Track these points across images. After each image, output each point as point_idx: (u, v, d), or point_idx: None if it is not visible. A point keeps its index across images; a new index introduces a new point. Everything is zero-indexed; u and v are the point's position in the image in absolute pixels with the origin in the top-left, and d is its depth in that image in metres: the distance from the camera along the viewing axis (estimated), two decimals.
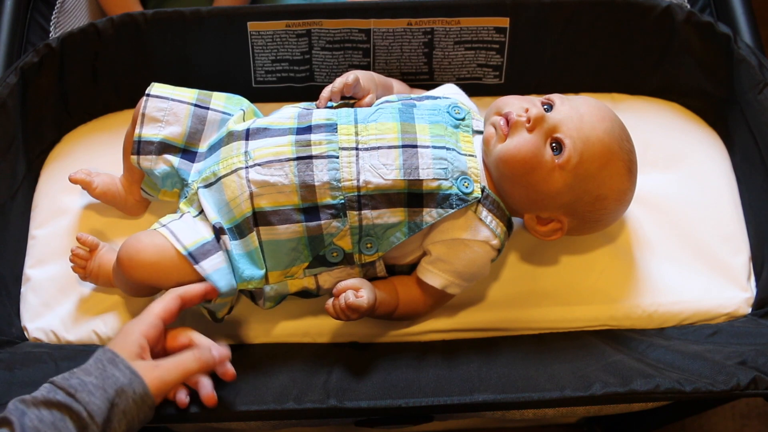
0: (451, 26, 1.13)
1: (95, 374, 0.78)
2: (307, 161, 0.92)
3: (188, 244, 0.91)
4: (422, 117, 0.96)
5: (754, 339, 0.95)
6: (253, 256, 0.93)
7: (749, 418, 1.56)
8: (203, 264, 0.90)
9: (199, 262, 0.90)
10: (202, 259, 0.90)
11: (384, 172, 0.92)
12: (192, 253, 0.90)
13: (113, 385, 0.77)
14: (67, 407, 0.74)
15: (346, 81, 1.00)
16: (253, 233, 0.92)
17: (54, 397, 0.75)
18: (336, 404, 0.87)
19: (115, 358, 0.80)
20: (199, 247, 0.91)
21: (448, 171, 0.92)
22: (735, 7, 1.14)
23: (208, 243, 0.92)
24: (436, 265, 0.95)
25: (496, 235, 0.95)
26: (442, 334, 1.02)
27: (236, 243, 0.93)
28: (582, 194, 0.94)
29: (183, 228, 0.94)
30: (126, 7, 1.33)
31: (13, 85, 1.05)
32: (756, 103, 1.05)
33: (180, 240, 0.91)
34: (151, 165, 0.99)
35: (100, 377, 0.78)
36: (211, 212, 0.94)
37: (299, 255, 0.93)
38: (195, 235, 0.93)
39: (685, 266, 1.05)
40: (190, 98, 1.01)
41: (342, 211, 0.91)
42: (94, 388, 0.77)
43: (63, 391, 0.76)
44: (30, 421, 0.72)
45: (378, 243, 0.93)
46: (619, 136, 0.95)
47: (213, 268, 0.90)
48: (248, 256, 0.93)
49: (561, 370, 0.91)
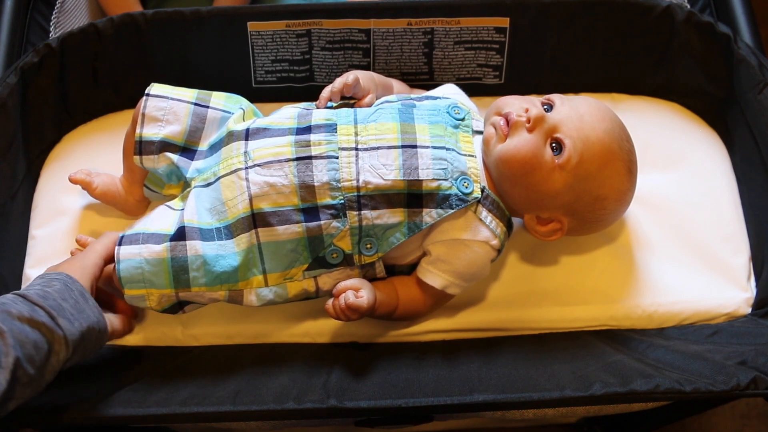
0: (451, 26, 1.13)
1: (70, 303, 0.81)
2: (306, 162, 0.92)
3: (134, 228, 0.94)
4: (422, 117, 0.96)
5: (754, 339, 0.95)
6: (244, 254, 0.92)
7: (749, 418, 1.56)
8: (122, 248, 0.92)
9: (121, 245, 0.92)
10: (126, 245, 0.92)
11: (383, 173, 0.92)
12: (124, 237, 0.93)
13: (86, 320, 0.81)
14: (49, 329, 0.76)
15: (346, 81, 1.00)
16: (245, 234, 0.92)
17: (38, 318, 0.76)
18: (336, 404, 0.87)
19: (84, 293, 0.84)
20: (133, 234, 0.93)
21: (447, 171, 0.92)
22: (735, 7, 1.14)
23: (145, 234, 0.93)
24: (436, 265, 0.95)
25: (496, 236, 0.95)
26: (441, 334, 1.02)
27: (228, 243, 0.92)
28: (582, 194, 0.94)
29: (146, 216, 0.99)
30: (126, 7, 1.33)
31: (13, 85, 1.05)
32: (756, 103, 1.05)
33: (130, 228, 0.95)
34: (154, 164, 0.99)
35: (75, 308, 0.81)
36: (192, 213, 0.94)
37: (298, 257, 0.93)
38: (145, 224, 0.95)
39: (685, 266, 1.05)
40: (190, 97, 1.01)
41: (342, 212, 0.91)
42: (71, 316, 0.79)
43: (44, 312, 0.77)
44: (16, 335, 0.73)
45: (378, 243, 0.92)
46: (619, 136, 0.95)
47: (126, 256, 0.91)
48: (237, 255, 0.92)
49: (561, 370, 0.91)
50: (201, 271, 0.91)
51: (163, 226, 0.94)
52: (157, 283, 0.91)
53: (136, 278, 0.91)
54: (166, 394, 0.88)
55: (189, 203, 0.95)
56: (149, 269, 0.91)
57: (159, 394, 0.88)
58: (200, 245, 0.91)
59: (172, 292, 0.92)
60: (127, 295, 0.92)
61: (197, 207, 0.95)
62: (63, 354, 0.77)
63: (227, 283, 0.92)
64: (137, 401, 0.87)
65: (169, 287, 0.92)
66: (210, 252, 0.91)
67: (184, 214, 0.94)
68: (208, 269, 0.91)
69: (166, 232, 0.93)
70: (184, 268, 0.91)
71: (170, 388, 0.90)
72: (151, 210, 1.08)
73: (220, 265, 0.91)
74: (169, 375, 0.93)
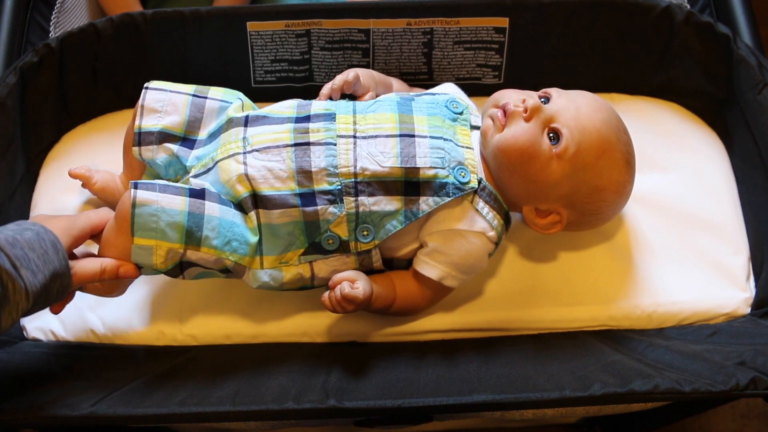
0: (451, 26, 1.13)
1: (38, 253, 0.79)
2: (304, 147, 0.92)
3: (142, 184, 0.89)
4: (420, 109, 0.97)
5: (754, 339, 0.95)
6: (255, 232, 0.92)
7: (749, 418, 1.56)
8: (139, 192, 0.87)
9: (137, 189, 0.88)
10: (142, 189, 0.88)
11: (381, 160, 0.92)
12: (138, 184, 0.88)
13: (51, 271, 0.80)
14: (10, 277, 0.75)
15: (346, 78, 1.01)
16: (252, 213, 0.92)
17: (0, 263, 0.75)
18: (335, 404, 0.87)
19: (57, 245, 0.82)
20: (149, 183, 0.89)
21: (444, 160, 0.92)
22: (735, 7, 1.14)
23: (162, 185, 0.89)
24: (432, 256, 0.95)
25: (493, 227, 0.95)
26: (441, 333, 1.02)
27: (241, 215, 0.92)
28: (580, 185, 0.94)
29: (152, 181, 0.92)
30: (126, 7, 1.33)
31: (13, 85, 1.05)
32: (755, 103, 1.05)
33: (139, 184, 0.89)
34: (153, 155, 0.99)
35: (42, 258, 0.79)
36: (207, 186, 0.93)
37: (295, 240, 0.93)
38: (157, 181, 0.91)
39: (684, 266, 1.05)
40: (188, 90, 1.01)
41: (339, 197, 0.91)
42: (36, 268, 0.78)
43: (8, 259, 0.76)
44: None
45: (374, 231, 0.92)
46: (617, 127, 0.95)
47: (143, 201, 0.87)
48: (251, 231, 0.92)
49: (560, 370, 0.91)
50: (215, 232, 0.89)
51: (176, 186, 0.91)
52: (170, 236, 0.88)
53: (150, 226, 0.87)
54: (166, 394, 0.88)
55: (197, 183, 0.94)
56: (165, 219, 0.87)
57: (158, 394, 0.88)
58: (218, 208, 0.90)
59: (181, 248, 0.89)
60: (135, 246, 0.88)
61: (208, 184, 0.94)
62: (23, 305, 0.77)
63: (236, 253, 0.91)
64: (136, 401, 0.87)
65: (179, 242, 0.88)
66: (226, 217, 0.91)
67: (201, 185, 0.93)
68: (222, 231, 0.90)
69: (183, 187, 0.91)
70: (199, 226, 0.89)
71: (169, 388, 0.90)
72: None
73: (233, 231, 0.90)
74: (168, 375, 0.93)
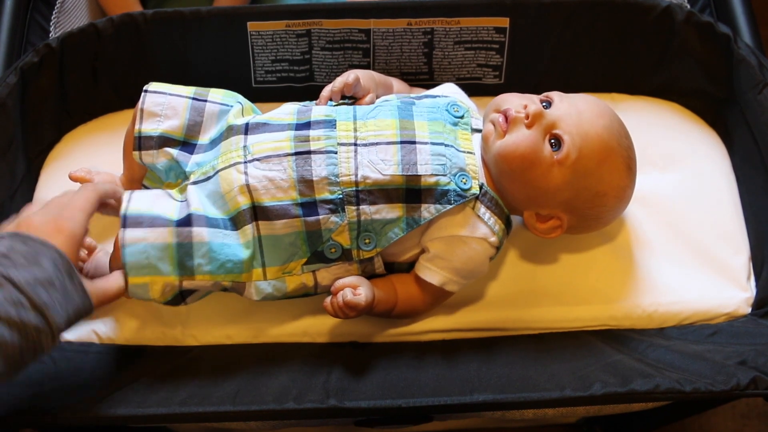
0: (451, 26, 1.13)
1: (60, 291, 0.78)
2: (305, 156, 0.92)
3: (132, 208, 0.89)
4: (421, 114, 0.97)
5: (754, 339, 0.95)
6: (249, 246, 0.92)
7: (749, 418, 1.56)
8: (127, 231, 0.88)
9: (126, 227, 0.88)
10: (130, 228, 0.88)
11: (382, 168, 0.92)
12: (127, 217, 0.89)
13: (72, 306, 0.79)
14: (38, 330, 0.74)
15: (346, 80, 1.01)
16: (248, 226, 0.92)
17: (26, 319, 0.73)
18: (336, 404, 0.87)
19: (71, 272, 0.80)
20: (137, 215, 0.89)
21: (446, 167, 0.92)
22: (735, 7, 1.14)
23: (150, 217, 0.89)
24: (434, 262, 0.95)
25: (494, 233, 0.95)
26: (441, 333, 1.02)
27: (232, 233, 0.92)
28: (581, 191, 0.94)
29: (144, 196, 0.93)
30: (126, 7, 1.33)
31: (13, 85, 1.05)
32: (756, 103, 1.05)
33: (130, 201, 0.90)
34: (153, 159, 0.99)
35: (63, 294, 0.78)
36: (197, 203, 0.93)
37: (297, 250, 0.93)
38: (148, 205, 0.91)
39: (684, 266, 1.05)
40: (188, 93, 1.01)
41: (340, 207, 0.91)
42: (60, 306, 0.77)
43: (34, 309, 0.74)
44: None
45: (376, 239, 0.93)
46: (618, 132, 0.95)
47: (131, 241, 0.88)
48: (241, 246, 0.92)
49: (561, 370, 0.91)
50: (206, 258, 0.89)
51: (167, 210, 0.91)
52: (162, 270, 0.89)
53: (141, 263, 0.88)
54: (166, 394, 0.88)
55: (191, 195, 0.94)
56: (154, 254, 0.88)
57: (159, 394, 0.88)
58: (206, 232, 0.90)
59: (176, 281, 0.90)
60: (130, 286, 0.88)
61: (200, 198, 0.94)
62: (49, 346, 0.76)
63: (231, 273, 0.91)
64: (137, 401, 0.87)
65: (173, 274, 0.89)
66: (215, 240, 0.90)
67: (190, 203, 0.93)
68: (213, 257, 0.90)
69: (170, 217, 0.90)
70: (189, 254, 0.89)
71: (170, 388, 0.90)
72: None
73: (224, 253, 0.90)
74: (169, 375, 0.93)
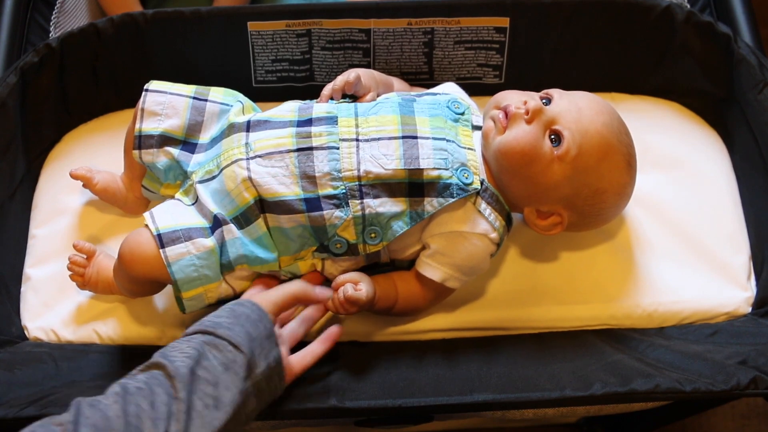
0: (451, 26, 1.13)
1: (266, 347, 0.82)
2: (307, 152, 0.92)
3: (162, 226, 0.91)
4: (422, 110, 0.97)
5: (754, 339, 0.95)
6: (262, 241, 0.93)
7: (749, 418, 1.56)
8: (168, 249, 0.90)
9: (165, 247, 0.90)
10: (170, 245, 0.90)
11: (384, 162, 0.92)
12: (162, 235, 0.91)
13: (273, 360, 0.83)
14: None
15: (347, 79, 1.01)
16: (260, 219, 0.92)
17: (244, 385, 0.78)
18: (336, 404, 0.87)
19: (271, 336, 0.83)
20: (171, 232, 0.91)
21: (448, 161, 0.92)
22: (735, 6, 1.15)
23: (184, 230, 0.92)
24: (435, 258, 0.95)
25: (495, 229, 0.95)
26: (441, 332, 1.02)
27: (242, 231, 0.93)
28: (581, 187, 0.94)
29: (165, 211, 0.94)
30: (126, 7, 1.33)
31: (13, 85, 1.05)
32: (756, 102, 1.05)
33: (155, 221, 0.92)
34: (153, 158, 0.99)
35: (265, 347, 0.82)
36: (211, 204, 0.94)
37: (306, 240, 0.94)
38: (174, 219, 0.93)
39: (685, 266, 1.05)
40: (188, 92, 1.01)
41: (344, 201, 0.91)
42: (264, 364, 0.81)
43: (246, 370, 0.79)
44: None
45: (382, 232, 0.93)
46: (618, 129, 0.95)
47: (176, 257, 0.90)
48: (257, 241, 0.93)
49: (561, 369, 0.91)
50: (240, 250, 0.92)
51: (191, 219, 0.94)
52: (212, 276, 0.92)
53: (192, 277, 0.91)
54: None
55: (202, 196, 0.95)
56: (201, 263, 0.91)
57: None
58: (234, 228, 0.93)
59: (222, 281, 0.93)
60: (185, 300, 0.92)
61: (212, 199, 0.95)
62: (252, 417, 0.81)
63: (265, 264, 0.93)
64: None
65: (220, 278, 0.93)
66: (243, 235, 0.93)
67: (205, 203, 0.94)
68: (246, 249, 0.92)
69: (200, 225, 0.93)
70: (226, 252, 0.92)
71: None
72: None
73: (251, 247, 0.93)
74: None
